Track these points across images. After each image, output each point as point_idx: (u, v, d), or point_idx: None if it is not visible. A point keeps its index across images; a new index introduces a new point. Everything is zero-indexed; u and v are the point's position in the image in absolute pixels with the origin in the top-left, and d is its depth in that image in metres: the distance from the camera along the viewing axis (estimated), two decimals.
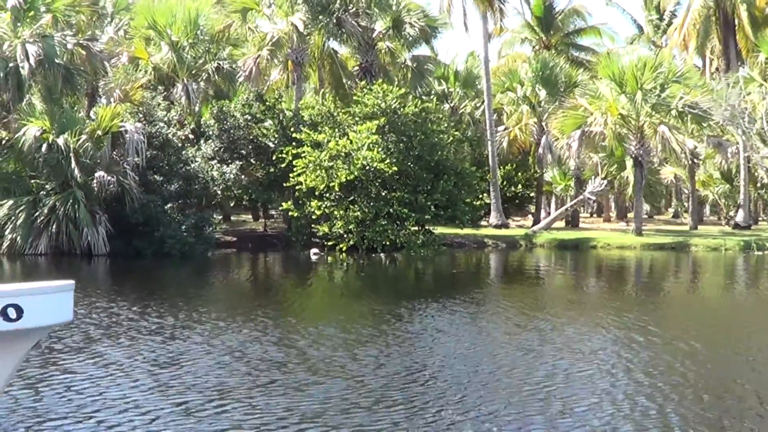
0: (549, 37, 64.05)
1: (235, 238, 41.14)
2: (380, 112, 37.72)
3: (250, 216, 53.44)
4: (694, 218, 51.78)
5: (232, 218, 52.01)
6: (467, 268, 33.95)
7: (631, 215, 53.85)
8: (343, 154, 36.26)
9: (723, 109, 40.63)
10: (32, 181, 34.20)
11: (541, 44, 64.12)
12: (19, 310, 7.99)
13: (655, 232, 47.08)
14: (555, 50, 61.82)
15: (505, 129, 54.95)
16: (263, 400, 10.24)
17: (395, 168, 36.08)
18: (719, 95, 41.27)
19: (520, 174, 56.06)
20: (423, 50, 52.40)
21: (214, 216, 38.96)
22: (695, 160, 51.33)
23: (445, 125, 40.98)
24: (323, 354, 13.10)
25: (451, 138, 40.31)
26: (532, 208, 60.07)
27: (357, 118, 38.34)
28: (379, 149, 36.19)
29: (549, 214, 60.00)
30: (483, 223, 50.05)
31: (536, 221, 53.55)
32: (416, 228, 37.32)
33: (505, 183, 54.48)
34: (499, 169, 52.96)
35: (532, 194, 57.99)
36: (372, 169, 35.89)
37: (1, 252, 32.61)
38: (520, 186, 55.95)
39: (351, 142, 36.43)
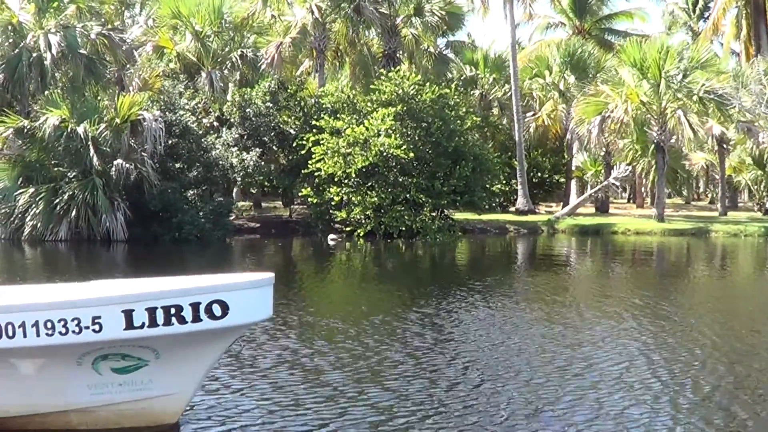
0: (582, 21, 63.60)
1: (258, 224, 41.63)
2: (398, 99, 37.94)
3: (281, 203, 53.91)
4: (723, 204, 51.24)
5: (263, 205, 52.52)
6: (482, 253, 33.99)
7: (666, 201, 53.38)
8: (360, 140, 36.57)
9: (741, 94, 40.19)
10: (55, 169, 34.89)
11: (574, 29, 63.71)
12: (225, 307, 7.60)
13: (681, 218, 46.77)
14: (589, 35, 61.40)
15: (533, 115, 54.74)
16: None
17: (412, 154, 36.34)
18: (738, 81, 40.81)
19: (547, 160, 55.80)
20: (458, 36, 52.53)
21: (242, 203, 39.11)
22: (725, 146, 50.79)
23: (464, 111, 40.96)
24: (318, 345, 13.19)
25: (470, 123, 40.21)
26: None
27: (375, 105, 38.60)
28: (397, 136, 36.44)
29: None
30: (511, 209, 50.16)
31: (565, 207, 53.33)
32: (433, 214, 37.52)
33: (533, 169, 54.33)
34: (527, 155, 52.75)
35: (561, 180, 57.70)
36: (389, 155, 36.18)
37: (23, 238, 33.38)
38: (547, 172, 55.69)
39: (367, 129, 36.72)
